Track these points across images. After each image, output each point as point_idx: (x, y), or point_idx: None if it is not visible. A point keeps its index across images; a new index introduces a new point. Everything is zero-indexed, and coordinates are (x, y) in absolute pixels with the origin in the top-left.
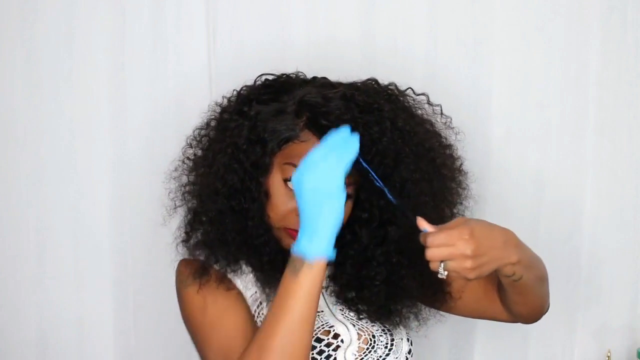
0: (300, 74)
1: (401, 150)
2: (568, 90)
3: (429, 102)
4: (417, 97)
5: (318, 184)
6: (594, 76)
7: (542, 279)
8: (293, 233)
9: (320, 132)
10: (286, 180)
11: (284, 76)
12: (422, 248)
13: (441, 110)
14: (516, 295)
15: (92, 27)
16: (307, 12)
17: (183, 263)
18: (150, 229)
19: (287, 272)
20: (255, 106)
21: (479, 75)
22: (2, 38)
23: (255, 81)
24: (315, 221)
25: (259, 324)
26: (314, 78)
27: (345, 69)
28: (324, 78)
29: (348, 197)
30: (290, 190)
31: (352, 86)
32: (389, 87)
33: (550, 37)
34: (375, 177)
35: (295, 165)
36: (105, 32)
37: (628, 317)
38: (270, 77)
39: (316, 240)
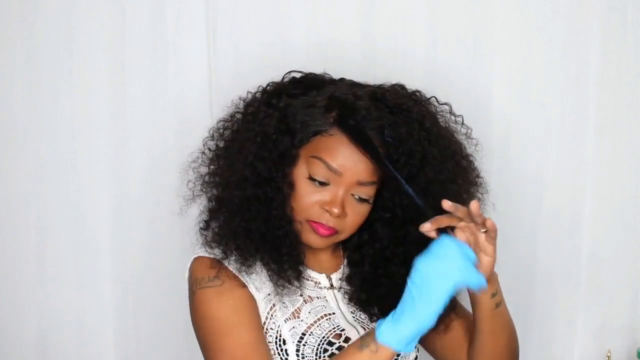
0: (327, 74)
1: (428, 151)
2: (568, 90)
3: (451, 112)
4: (440, 106)
5: (428, 280)
6: (594, 76)
7: (514, 338)
8: (315, 226)
9: (349, 128)
10: (311, 174)
11: (312, 75)
12: None
13: (463, 120)
14: (488, 335)
15: (92, 27)
16: (307, 12)
17: (198, 261)
18: (150, 229)
19: (358, 339)
20: (285, 99)
21: (479, 75)
22: (2, 38)
23: (282, 78)
24: (407, 311)
25: (271, 325)
26: (342, 79)
27: (345, 69)
28: (351, 80)
29: (366, 201)
30: (315, 183)
31: (381, 87)
32: (415, 93)
33: (550, 37)
34: (402, 181)
35: (321, 159)
36: (105, 32)
37: (628, 317)
38: (298, 75)
39: (395, 328)
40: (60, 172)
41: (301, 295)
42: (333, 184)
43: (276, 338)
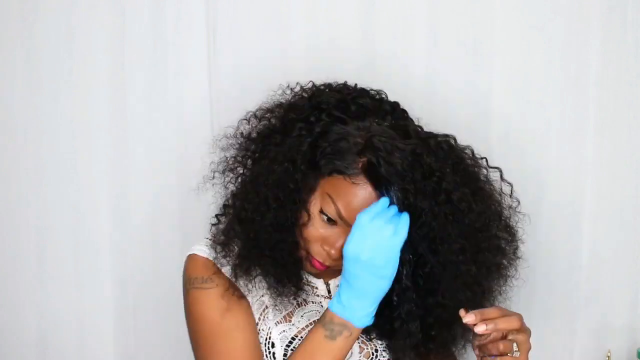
0: (382, 93)
1: (448, 229)
2: (568, 90)
3: (502, 178)
4: (491, 169)
5: (372, 255)
6: (594, 76)
7: None
8: (313, 260)
9: (375, 180)
10: (323, 209)
11: (365, 97)
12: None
13: (511, 191)
14: None
15: (92, 27)
16: (307, 13)
17: (192, 259)
18: (150, 228)
19: (323, 331)
20: (323, 120)
21: (479, 75)
22: (2, 38)
23: (336, 85)
24: (364, 290)
25: (263, 327)
26: (394, 110)
27: (345, 69)
28: (405, 113)
29: None
30: (324, 217)
31: (425, 143)
32: (465, 151)
33: (550, 37)
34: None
35: (334, 204)
36: (105, 32)
37: (628, 317)
38: (352, 88)
39: (363, 307)
40: (60, 172)
41: (295, 298)
42: (340, 226)
43: (266, 340)
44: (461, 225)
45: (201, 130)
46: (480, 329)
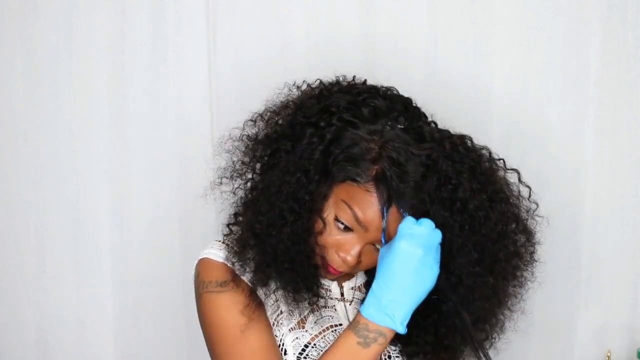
0: (393, 90)
1: (463, 240)
2: (568, 90)
3: (520, 180)
4: (509, 171)
5: (425, 260)
6: (594, 76)
7: None
8: (330, 268)
9: (384, 191)
10: (338, 216)
11: (377, 97)
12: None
13: (529, 194)
14: None
15: (92, 27)
16: (307, 12)
17: (205, 262)
18: (150, 228)
19: (356, 338)
20: (334, 125)
21: (479, 75)
22: (2, 38)
23: (344, 80)
24: (408, 295)
25: (277, 333)
26: (406, 109)
27: (345, 69)
28: (417, 110)
29: (373, 245)
30: (339, 224)
31: (441, 146)
32: (481, 151)
33: (550, 37)
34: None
35: (351, 209)
36: (105, 32)
37: (628, 317)
38: (361, 88)
39: (403, 313)
40: (60, 172)
41: (309, 303)
42: (356, 232)
43: (279, 347)
44: (477, 236)
45: (201, 130)
46: None
